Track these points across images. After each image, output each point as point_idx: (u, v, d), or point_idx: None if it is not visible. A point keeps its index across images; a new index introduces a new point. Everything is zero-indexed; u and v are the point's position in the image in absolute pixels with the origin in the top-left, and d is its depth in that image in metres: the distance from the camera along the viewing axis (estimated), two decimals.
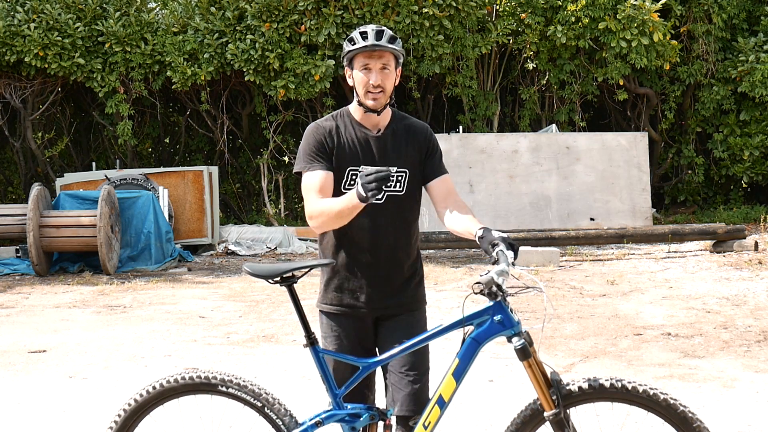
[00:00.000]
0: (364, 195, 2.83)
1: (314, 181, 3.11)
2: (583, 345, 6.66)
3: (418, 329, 3.15)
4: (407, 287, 3.22)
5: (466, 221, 3.08)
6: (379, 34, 3.08)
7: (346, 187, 3.14)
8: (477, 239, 2.98)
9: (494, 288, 2.78)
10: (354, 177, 3.14)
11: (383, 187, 2.84)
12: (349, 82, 3.20)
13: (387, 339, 3.15)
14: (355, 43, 3.09)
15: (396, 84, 3.21)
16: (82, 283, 10.33)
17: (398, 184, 3.17)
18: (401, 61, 3.18)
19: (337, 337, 3.20)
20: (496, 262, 2.83)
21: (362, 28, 3.12)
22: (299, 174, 3.18)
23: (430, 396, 2.98)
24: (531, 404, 2.86)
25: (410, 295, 3.23)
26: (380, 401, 3.24)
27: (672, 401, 2.74)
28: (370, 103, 3.12)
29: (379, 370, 3.21)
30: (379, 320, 3.21)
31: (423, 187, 3.26)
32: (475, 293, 2.80)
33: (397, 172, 3.16)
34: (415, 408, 3.04)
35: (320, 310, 3.29)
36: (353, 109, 3.23)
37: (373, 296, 3.17)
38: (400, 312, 3.19)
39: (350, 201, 2.92)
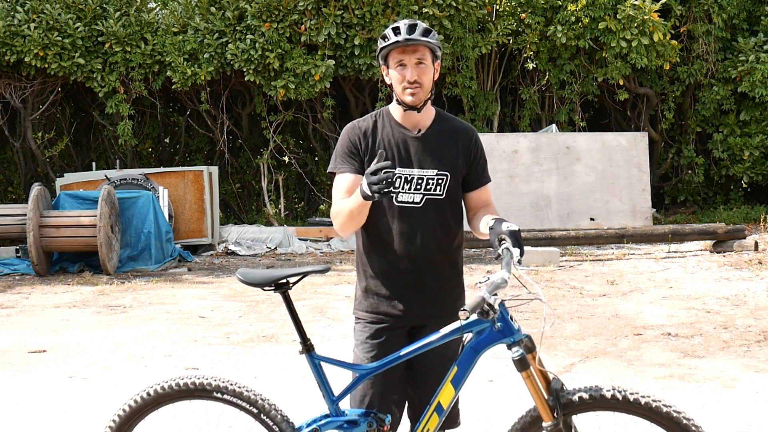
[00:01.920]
0: (369, 194, 2.74)
1: (341, 183, 3.03)
2: (583, 345, 6.66)
3: (454, 346, 2.95)
4: (446, 298, 3.09)
5: (487, 218, 2.98)
6: (411, 28, 2.95)
7: None
8: (488, 230, 2.88)
9: (485, 308, 2.67)
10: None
11: (390, 187, 2.72)
12: (387, 80, 3.07)
13: (421, 354, 2.95)
14: (387, 40, 2.97)
15: (436, 78, 3.08)
16: (82, 283, 10.33)
17: (438, 188, 3.04)
18: (439, 54, 3.04)
19: (369, 346, 3.07)
20: (498, 257, 2.75)
21: (395, 24, 2.98)
22: (332, 174, 3.09)
23: (438, 407, 2.88)
24: (531, 411, 2.82)
25: (449, 307, 3.07)
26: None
27: (675, 414, 2.68)
28: (408, 99, 2.99)
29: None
30: (414, 332, 3.09)
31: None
32: (463, 320, 2.70)
33: (437, 174, 3.04)
34: (443, 426, 2.97)
35: (356, 317, 3.15)
36: (393, 108, 3.11)
37: (411, 304, 3.05)
38: (437, 325, 2.95)
39: (357, 200, 2.84)
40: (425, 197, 3.03)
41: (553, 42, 14.51)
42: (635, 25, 13.93)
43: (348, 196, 2.99)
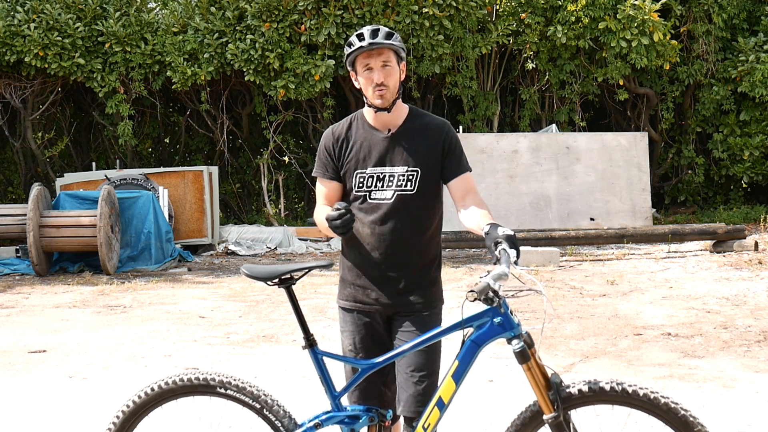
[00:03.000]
0: (331, 231, 2.98)
1: (320, 189, 3.25)
2: (583, 345, 6.65)
3: (431, 323, 3.14)
4: (418, 288, 3.18)
5: (479, 218, 3.05)
6: (374, 33, 3.08)
7: (356, 189, 3.18)
8: (483, 234, 2.95)
9: (490, 294, 2.75)
10: (362, 180, 3.17)
11: (350, 226, 2.95)
12: (356, 85, 3.21)
13: (397, 339, 3.15)
14: (352, 47, 3.11)
15: (402, 79, 3.21)
16: (82, 283, 10.33)
17: (409, 183, 3.15)
18: (403, 56, 3.17)
19: (351, 332, 3.22)
20: (497, 261, 2.81)
21: (359, 31, 3.13)
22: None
23: (439, 402, 2.92)
24: (531, 406, 2.85)
25: (423, 295, 3.19)
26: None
27: (673, 405, 2.72)
28: (377, 102, 3.13)
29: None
30: (391, 319, 3.20)
31: (444, 186, 3.25)
32: (471, 302, 2.76)
33: (408, 171, 3.15)
34: (420, 409, 3.01)
35: (338, 306, 3.31)
36: (366, 111, 3.25)
37: (383, 294, 3.17)
38: (411, 312, 3.15)
39: (324, 225, 3.05)
40: (396, 193, 3.15)
41: (553, 42, 14.50)
42: (635, 25, 13.93)
43: (325, 200, 3.22)
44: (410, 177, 3.15)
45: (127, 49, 13.73)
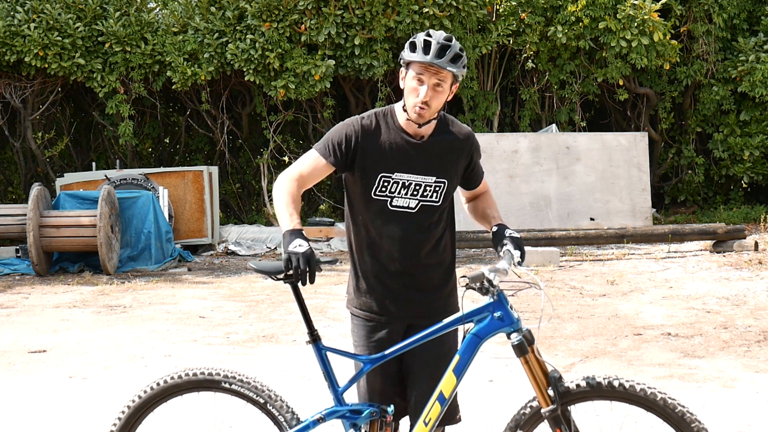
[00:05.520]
0: (283, 254, 2.78)
1: (308, 163, 3.06)
2: (583, 345, 6.66)
3: (448, 340, 3.06)
4: (438, 296, 3.16)
5: (487, 214, 3.08)
6: (442, 51, 2.91)
7: (376, 193, 3.05)
8: (491, 234, 2.99)
9: (485, 283, 2.76)
10: (385, 183, 3.04)
11: (305, 277, 2.76)
12: (401, 84, 3.04)
13: (416, 349, 3.01)
14: (415, 50, 2.94)
15: (449, 100, 3.07)
16: (82, 283, 10.33)
17: (435, 194, 3.06)
18: (460, 78, 3.01)
19: (367, 344, 3.15)
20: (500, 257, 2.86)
21: (430, 36, 2.94)
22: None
23: (440, 396, 2.92)
24: (530, 401, 2.88)
25: (441, 304, 3.15)
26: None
27: (670, 401, 2.73)
28: (414, 115, 2.99)
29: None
30: (409, 328, 3.13)
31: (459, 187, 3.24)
32: (463, 287, 2.79)
33: (436, 181, 3.06)
34: (442, 421, 3.01)
35: (351, 313, 3.24)
36: (398, 111, 3.09)
37: (403, 304, 3.12)
38: (431, 322, 3.01)
39: (282, 224, 2.88)
40: (420, 203, 3.07)
41: (553, 42, 14.50)
42: (635, 25, 13.92)
43: (302, 174, 3.00)
44: (437, 188, 3.07)
45: (127, 49, 13.72)
